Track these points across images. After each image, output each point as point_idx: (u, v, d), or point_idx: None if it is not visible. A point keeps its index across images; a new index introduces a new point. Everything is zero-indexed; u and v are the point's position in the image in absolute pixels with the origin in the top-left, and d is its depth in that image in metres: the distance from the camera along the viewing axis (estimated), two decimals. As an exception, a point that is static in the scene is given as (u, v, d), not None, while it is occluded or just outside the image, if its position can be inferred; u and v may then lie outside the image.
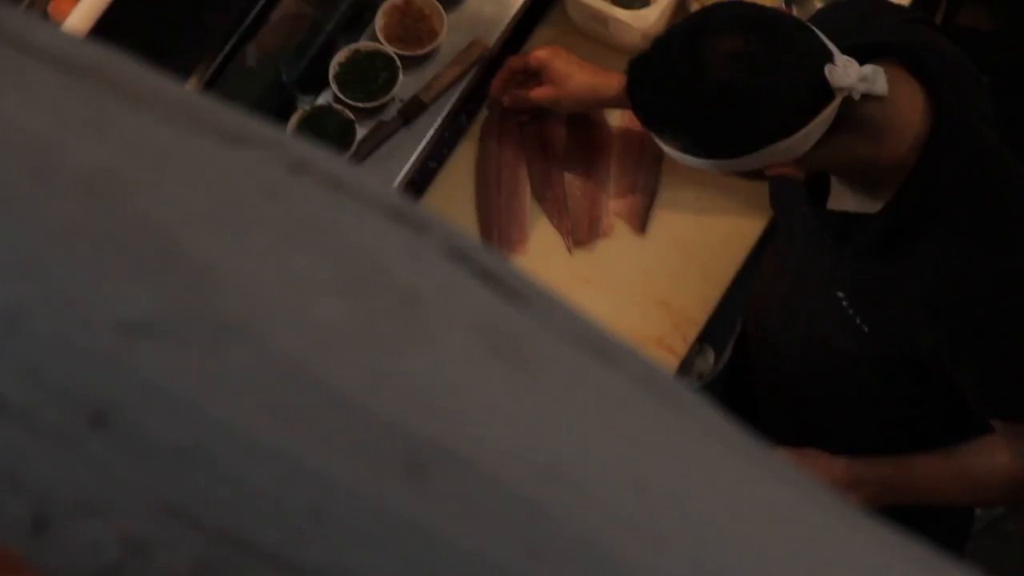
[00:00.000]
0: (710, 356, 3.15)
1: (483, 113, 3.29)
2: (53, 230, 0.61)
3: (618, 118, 3.26)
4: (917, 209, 2.29)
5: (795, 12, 3.26)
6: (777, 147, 2.19)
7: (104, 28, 2.65)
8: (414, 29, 3.21)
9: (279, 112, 3.15)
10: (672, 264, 3.14)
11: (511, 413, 0.67)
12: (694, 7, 3.27)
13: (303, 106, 3.17)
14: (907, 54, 2.29)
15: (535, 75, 3.04)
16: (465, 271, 0.69)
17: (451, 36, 3.23)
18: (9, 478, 0.64)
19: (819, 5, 3.29)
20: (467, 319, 0.68)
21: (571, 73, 2.96)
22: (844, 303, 2.45)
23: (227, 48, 2.78)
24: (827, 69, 2.15)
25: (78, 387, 0.62)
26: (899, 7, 2.63)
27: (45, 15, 2.89)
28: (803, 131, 2.17)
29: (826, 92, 2.16)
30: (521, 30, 3.34)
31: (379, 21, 3.22)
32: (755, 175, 2.30)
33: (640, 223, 3.19)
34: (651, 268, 3.15)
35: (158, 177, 0.63)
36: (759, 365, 2.94)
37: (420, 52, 3.21)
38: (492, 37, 3.26)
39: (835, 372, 2.64)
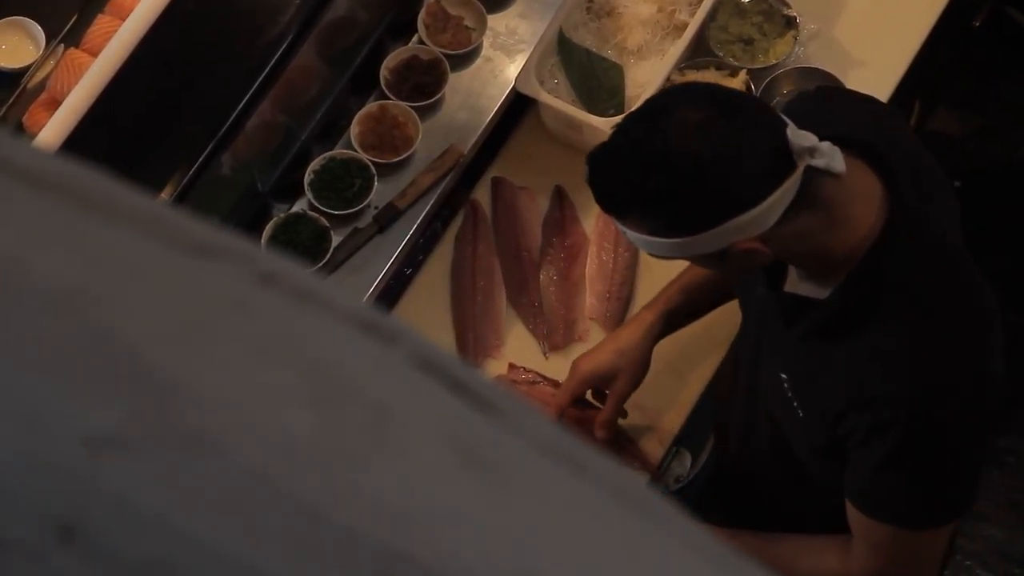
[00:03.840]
0: (687, 459, 3.14)
1: (458, 219, 3.30)
2: (20, 346, 0.61)
3: (593, 224, 3.27)
4: (861, 298, 2.30)
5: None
6: (743, 218, 2.19)
7: (81, 137, 2.67)
8: (389, 136, 3.23)
9: (254, 219, 3.16)
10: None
11: (481, 524, 0.67)
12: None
13: (278, 213, 3.18)
14: (867, 147, 2.32)
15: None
16: (435, 381, 0.69)
17: (426, 143, 3.25)
18: (-25, 595, 0.63)
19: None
20: (437, 430, 0.68)
21: (626, 366, 2.89)
22: (785, 385, 2.46)
23: (203, 156, 2.79)
24: (788, 131, 2.18)
25: (46, 502, 0.62)
26: (869, 99, 2.65)
27: (20, 126, 2.91)
28: (768, 200, 2.18)
29: (788, 162, 2.19)
30: (496, 137, 3.36)
31: (354, 129, 3.24)
32: (720, 260, 2.28)
33: (615, 327, 3.19)
34: (627, 372, 3.14)
35: (126, 292, 0.63)
36: (727, 461, 2.93)
37: (395, 159, 3.23)
38: (467, 144, 3.27)
39: (782, 455, 2.63)
